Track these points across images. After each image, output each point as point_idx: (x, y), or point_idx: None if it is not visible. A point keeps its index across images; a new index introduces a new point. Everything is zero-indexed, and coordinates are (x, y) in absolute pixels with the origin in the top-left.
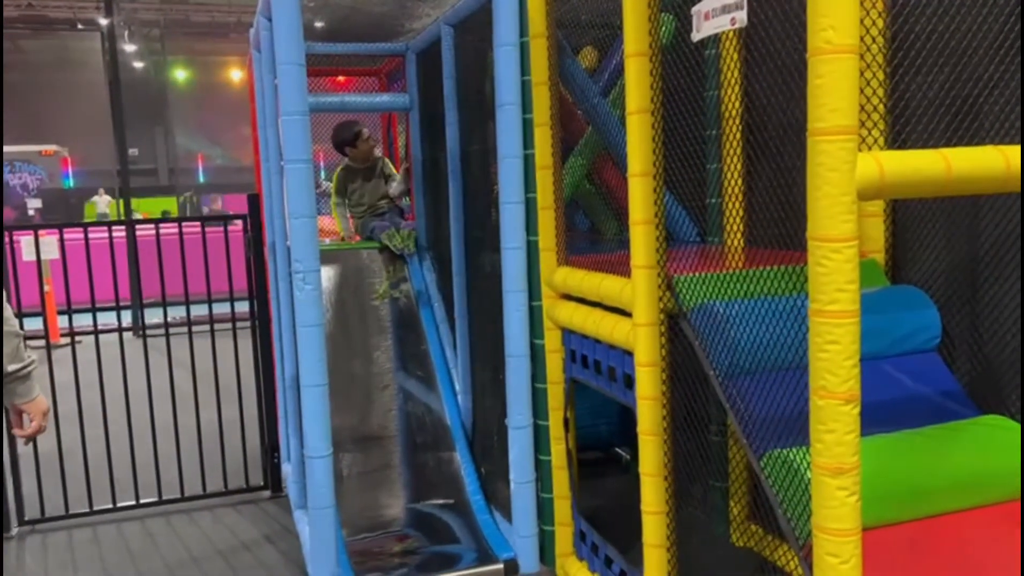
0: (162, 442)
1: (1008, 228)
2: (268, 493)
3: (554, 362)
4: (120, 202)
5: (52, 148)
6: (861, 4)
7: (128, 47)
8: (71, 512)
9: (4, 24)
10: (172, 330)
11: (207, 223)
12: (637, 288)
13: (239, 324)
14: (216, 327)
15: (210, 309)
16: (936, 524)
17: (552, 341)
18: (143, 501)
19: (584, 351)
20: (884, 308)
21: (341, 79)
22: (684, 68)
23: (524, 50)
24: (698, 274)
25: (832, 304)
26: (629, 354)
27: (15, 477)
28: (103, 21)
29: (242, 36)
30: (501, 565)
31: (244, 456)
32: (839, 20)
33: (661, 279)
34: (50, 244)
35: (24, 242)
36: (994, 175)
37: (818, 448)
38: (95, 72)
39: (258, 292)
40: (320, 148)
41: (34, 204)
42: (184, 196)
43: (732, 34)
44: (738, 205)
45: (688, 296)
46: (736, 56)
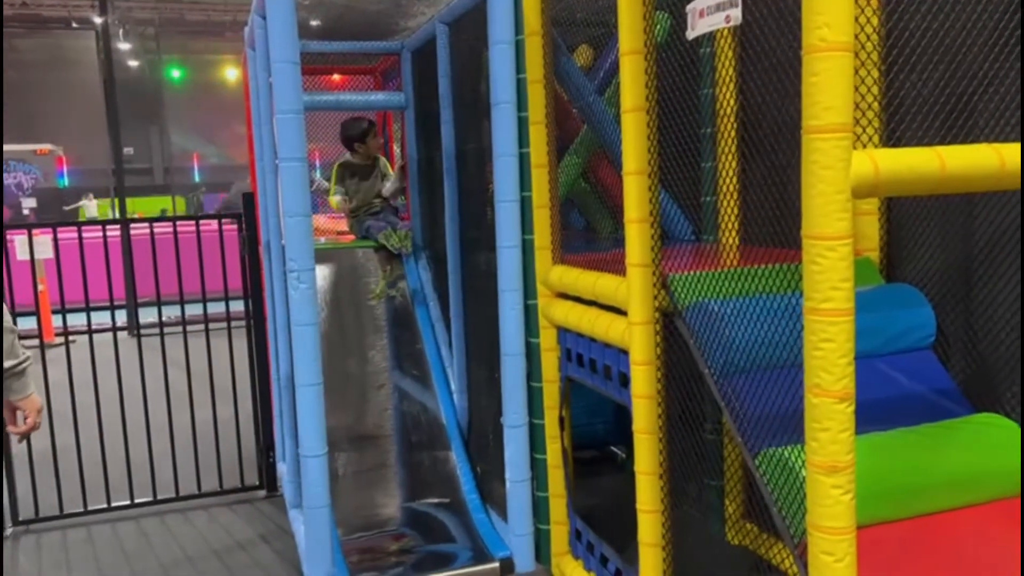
0: (157, 442)
1: (1003, 226)
2: (263, 492)
3: (549, 361)
4: (115, 201)
5: (47, 147)
6: (856, 2)
7: (123, 46)
8: (65, 512)
9: None
10: (167, 329)
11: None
12: (632, 286)
13: (234, 323)
14: (211, 326)
15: (204, 308)
16: (931, 522)
17: (547, 340)
18: (138, 501)
19: (579, 350)
20: (879, 306)
21: (336, 78)
22: (679, 66)
23: (519, 48)
24: (693, 272)
25: (827, 302)
26: (624, 352)
27: (9, 477)
28: (98, 20)
29: (237, 35)
30: (497, 564)
31: (239, 455)
32: (834, 18)
33: (656, 277)
34: (44, 243)
35: (18, 241)
36: (989, 173)
37: (813, 446)
38: (90, 71)
39: (253, 291)
40: (315, 147)
41: (28, 203)
42: (192, 194)
43: (727, 32)
44: (733, 203)
45: (683, 294)
46: (731, 54)
